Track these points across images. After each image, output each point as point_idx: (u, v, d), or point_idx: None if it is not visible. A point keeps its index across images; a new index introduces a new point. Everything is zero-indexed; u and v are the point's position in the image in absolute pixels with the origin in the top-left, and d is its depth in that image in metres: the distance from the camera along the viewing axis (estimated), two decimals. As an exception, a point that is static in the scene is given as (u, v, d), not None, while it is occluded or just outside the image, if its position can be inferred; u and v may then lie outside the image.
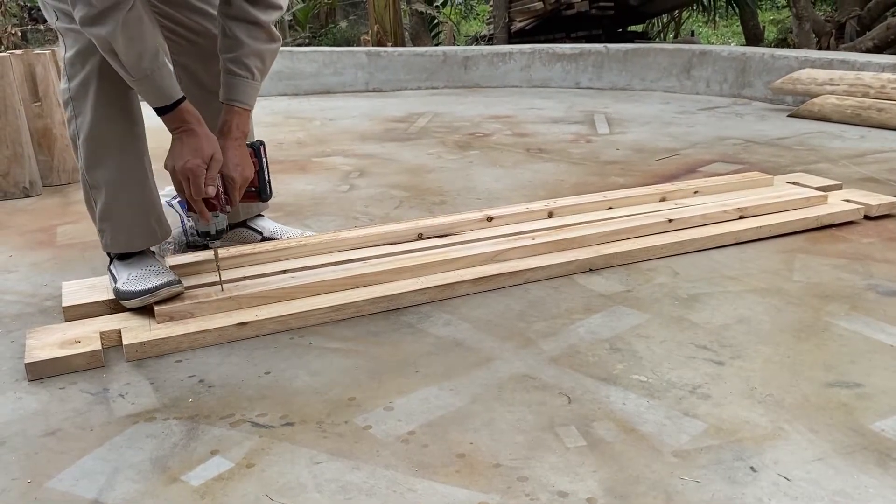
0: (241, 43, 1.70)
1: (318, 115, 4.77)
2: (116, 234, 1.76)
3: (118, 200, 1.74)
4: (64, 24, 1.64)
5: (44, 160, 2.98)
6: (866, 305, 1.78)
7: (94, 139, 1.69)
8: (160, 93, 1.57)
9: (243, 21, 1.70)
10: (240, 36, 1.70)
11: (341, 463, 1.22)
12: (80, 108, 1.67)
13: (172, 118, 1.60)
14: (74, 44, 1.63)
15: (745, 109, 4.72)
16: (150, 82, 1.56)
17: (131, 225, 1.76)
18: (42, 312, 1.81)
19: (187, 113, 1.61)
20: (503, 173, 3.14)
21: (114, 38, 1.48)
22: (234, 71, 1.72)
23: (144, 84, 1.56)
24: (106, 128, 1.68)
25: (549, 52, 6.00)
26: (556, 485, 1.16)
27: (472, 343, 1.62)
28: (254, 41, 1.72)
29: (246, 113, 1.75)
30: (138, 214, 1.77)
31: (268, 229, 2.20)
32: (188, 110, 1.61)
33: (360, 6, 11.52)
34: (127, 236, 1.77)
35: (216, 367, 1.54)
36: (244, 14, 1.70)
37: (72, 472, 1.21)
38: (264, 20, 1.72)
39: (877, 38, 6.46)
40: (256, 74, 1.74)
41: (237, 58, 1.71)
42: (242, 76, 1.72)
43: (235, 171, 1.67)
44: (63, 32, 1.65)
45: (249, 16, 1.70)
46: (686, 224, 2.24)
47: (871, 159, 3.26)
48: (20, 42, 9.13)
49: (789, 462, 1.20)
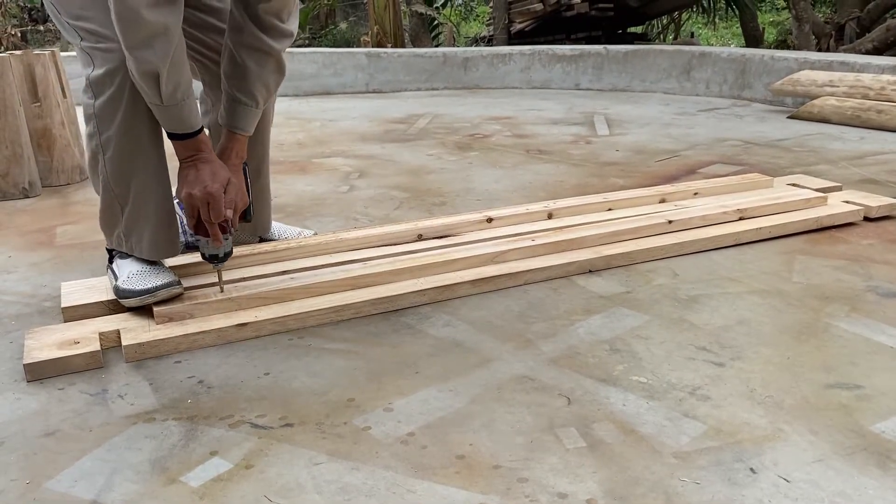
0: (250, 72, 1.72)
1: (318, 116, 4.77)
2: (141, 240, 1.76)
3: (145, 212, 1.74)
4: (90, 44, 1.62)
5: (43, 161, 2.98)
6: (866, 307, 1.78)
7: (123, 154, 1.68)
8: (184, 122, 1.59)
9: (256, 50, 1.71)
10: (249, 65, 1.71)
11: (341, 464, 1.22)
12: (105, 125, 1.66)
13: (188, 145, 1.62)
14: (104, 63, 1.61)
15: (745, 111, 4.72)
16: (177, 110, 1.57)
17: (156, 235, 1.76)
18: (41, 313, 1.81)
19: (203, 143, 1.63)
20: (503, 174, 3.14)
21: (162, 65, 1.49)
22: (239, 99, 1.73)
23: (172, 112, 1.57)
24: (135, 143, 1.68)
25: (548, 54, 6.00)
26: (555, 486, 1.15)
27: (472, 344, 1.62)
28: (262, 70, 1.73)
29: (245, 139, 1.77)
30: (163, 226, 1.76)
31: (273, 230, 2.20)
32: (204, 140, 1.63)
33: (360, 7, 11.53)
34: (150, 246, 1.76)
35: (215, 368, 1.53)
36: (257, 43, 1.70)
37: (70, 472, 1.21)
38: (277, 49, 1.73)
39: (876, 40, 6.47)
40: (260, 103, 1.77)
41: (244, 87, 1.73)
42: (247, 105, 1.74)
43: (238, 196, 1.70)
44: (89, 51, 1.63)
45: (263, 45, 1.70)
46: (686, 225, 2.24)
47: (871, 161, 3.26)
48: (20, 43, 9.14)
49: (789, 463, 1.20)
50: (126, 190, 1.71)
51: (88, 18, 1.60)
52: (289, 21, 1.75)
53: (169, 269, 1.78)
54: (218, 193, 1.62)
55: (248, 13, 1.68)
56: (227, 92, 1.75)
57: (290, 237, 2.16)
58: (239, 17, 1.69)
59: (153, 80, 1.51)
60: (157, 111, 1.59)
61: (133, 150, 1.68)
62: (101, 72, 1.62)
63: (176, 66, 1.52)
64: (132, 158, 1.69)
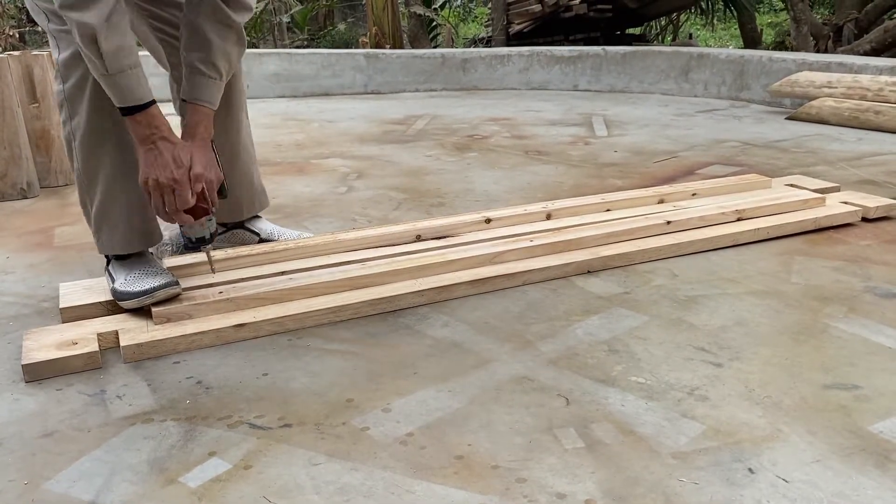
0: (211, 43, 1.68)
1: (316, 117, 4.77)
2: (112, 235, 1.76)
3: (115, 201, 1.73)
4: (56, 26, 1.62)
5: (41, 162, 2.98)
6: (864, 307, 1.78)
7: (91, 140, 1.68)
8: (133, 92, 1.54)
9: (216, 22, 1.68)
10: (210, 36, 1.68)
11: (339, 464, 1.22)
12: (74, 109, 1.66)
13: (142, 121, 1.56)
14: (69, 46, 1.61)
15: (743, 112, 4.73)
16: (124, 79, 1.52)
17: (128, 226, 1.76)
18: (39, 314, 1.81)
19: (158, 118, 1.58)
20: (501, 175, 3.15)
21: (98, 26, 1.44)
22: (202, 71, 1.69)
23: (119, 81, 1.52)
24: (102, 129, 1.67)
25: (547, 55, 6.01)
26: (554, 486, 1.15)
27: (471, 345, 1.62)
28: (224, 42, 1.70)
29: (212, 113, 1.72)
30: (135, 216, 1.76)
31: (265, 231, 2.20)
32: (158, 115, 1.58)
33: (358, 8, 11.54)
34: (122, 238, 1.76)
35: (214, 369, 1.53)
36: (217, 15, 1.68)
37: (69, 473, 1.21)
38: (237, 22, 1.71)
39: (874, 41, 6.48)
40: (224, 75, 1.73)
41: (206, 58, 1.69)
42: (211, 77, 1.70)
43: (210, 172, 1.65)
44: (56, 34, 1.63)
45: (224, 17, 1.68)
46: (684, 226, 2.24)
47: (869, 161, 3.27)
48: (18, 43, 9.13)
49: (788, 464, 1.20)
50: (95, 179, 1.70)
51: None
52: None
53: (167, 270, 1.78)
54: (182, 178, 1.57)
55: None
56: (188, 65, 1.70)
57: (289, 239, 2.16)
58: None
59: (91, 44, 1.46)
60: (104, 82, 1.53)
61: (101, 137, 1.67)
62: (67, 54, 1.61)
63: (115, 28, 1.47)
64: (100, 145, 1.67)
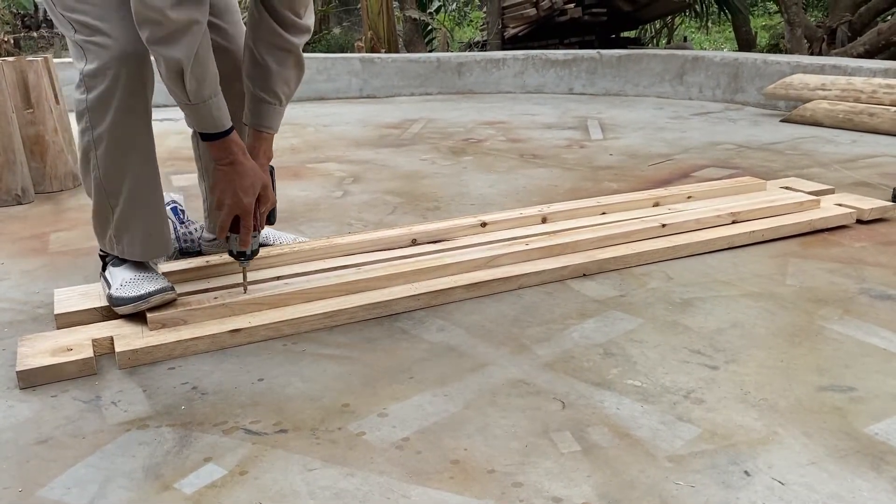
0: (272, 71, 1.73)
1: (311, 122, 4.77)
2: (133, 242, 1.75)
3: (138, 211, 1.73)
4: (83, 37, 1.61)
5: (36, 167, 2.97)
6: (859, 309, 1.79)
7: (116, 151, 1.67)
8: (213, 121, 1.59)
9: (275, 47, 1.72)
10: (270, 64, 1.73)
11: (335, 470, 1.21)
12: (97, 120, 1.65)
13: (220, 147, 1.63)
14: (96, 58, 1.60)
15: (738, 115, 4.74)
16: (206, 109, 1.57)
17: (149, 234, 1.76)
18: (34, 320, 1.80)
19: (235, 144, 1.64)
20: (497, 179, 3.15)
21: (186, 60, 1.49)
22: (264, 98, 1.75)
23: (200, 110, 1.57)
24: (128, 140, 1.68)
25: (542, 59, 6.01)
26: (550, 490, 1.15)
27: (466, 349, 1.62)
28: (283, 68, 1.75)
29: (272, 138, 1.80)
30: (156, 225, 1.77)
31: (261, 235, 2.19)
32: (236, 141, 1.64)
33: (353, 13, 11.54)
34: (142, 246, 1.76)
35: (209, 374, 1.53)
36: (276, 40, 1.72)
37: (63, 480, 1.20)
38: (295, 44, 1.74)
39: (868, 44, 6.51)
40: (284, 101, 1.78)
41: (267, 86, 1.74)
42: (271, 103, 1.76)
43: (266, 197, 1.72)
44: (83, 45, 1.61)
45: (281, 41, 1.72)
46: (679, 229, 2.24)
47: (863, 164, 3.28)
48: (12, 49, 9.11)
49: (783, 466, 1.20)
50: (118, 188, 1.70)
51: (83, 11, 1.59)
52: (305, 16, 1.76)
53: (162, 276, 1.77)
54: (250, 207, 1.66)
55: (265, 6, 1.69)
56: (251, 92, 1.77)
57: (285, 243, 2.15)
58: (256, 13, 1.71)
59: (178, 76, 1.51)
60: (186, 111, 1.59)
61: (126, 147, 1.67)
62: (93, 66, 1.61)
63: (200, 62, 1.52)
64: (125, 155, 1.68)
